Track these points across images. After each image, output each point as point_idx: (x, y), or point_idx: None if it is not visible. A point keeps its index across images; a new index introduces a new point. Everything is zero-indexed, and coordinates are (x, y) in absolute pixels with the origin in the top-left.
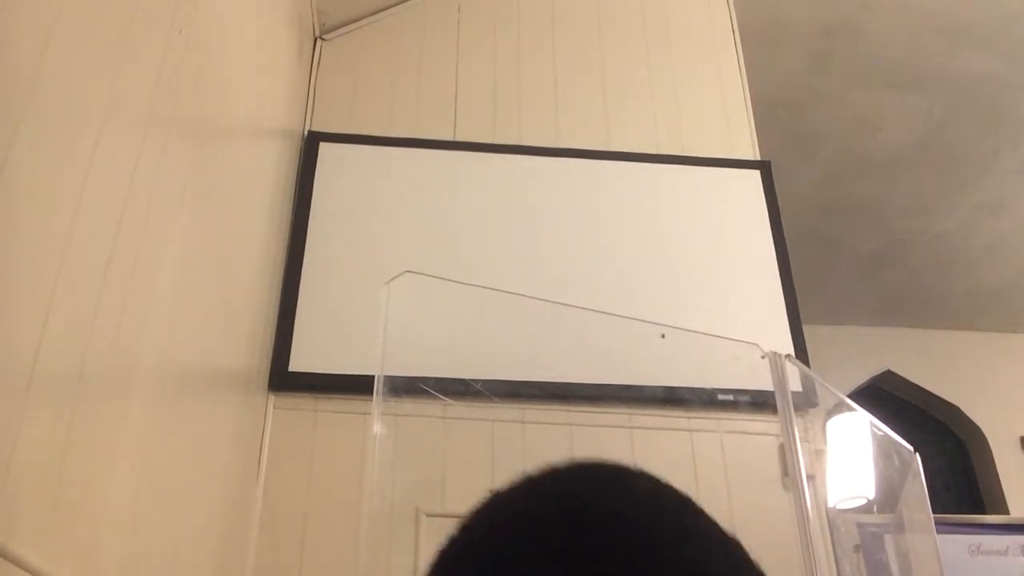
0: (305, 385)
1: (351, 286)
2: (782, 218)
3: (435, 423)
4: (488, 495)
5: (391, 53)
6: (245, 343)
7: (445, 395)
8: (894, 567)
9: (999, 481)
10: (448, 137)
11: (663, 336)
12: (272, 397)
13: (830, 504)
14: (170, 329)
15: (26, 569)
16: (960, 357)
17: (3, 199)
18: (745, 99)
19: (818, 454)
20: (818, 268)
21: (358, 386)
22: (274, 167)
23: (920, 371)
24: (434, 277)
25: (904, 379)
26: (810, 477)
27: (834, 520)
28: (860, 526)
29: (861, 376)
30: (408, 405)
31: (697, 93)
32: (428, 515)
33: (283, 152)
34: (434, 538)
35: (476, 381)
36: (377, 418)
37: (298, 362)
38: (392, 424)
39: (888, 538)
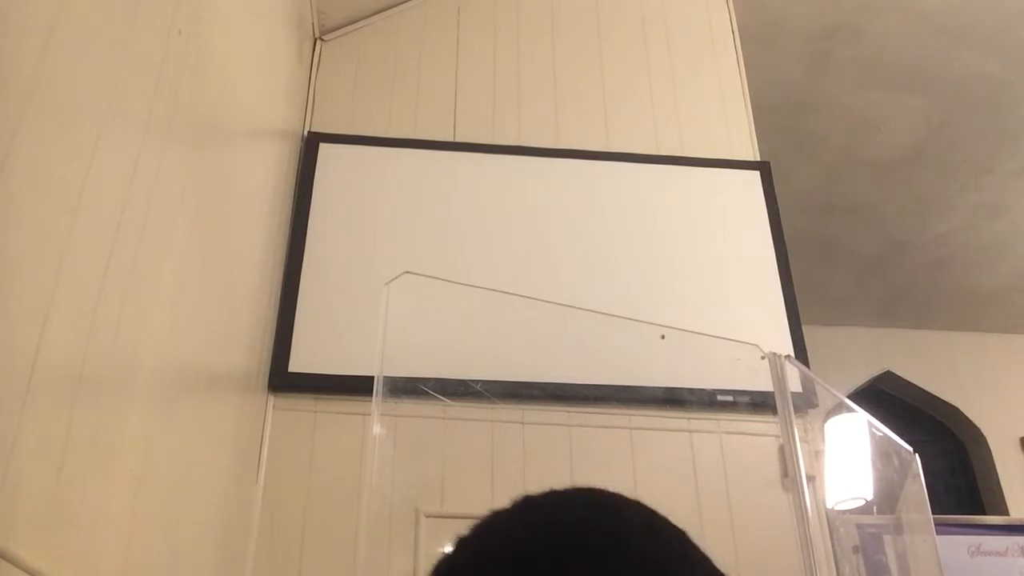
0: (305, 386)
1: (351, 286)
2: (782, 219)
3: (434, 424)
4: (489, 512)
5: (391, 54)
6: (245, 343)
7: (445, 396)
8: (893, 568)
9: (999, 482)
10: (448, 138)
11: (663, 337)
12: (272, 398)
13: (829, 505)
14: (170, 329)
15: (25, 570)
16: (960, 358)
17: (3, 199)
18: (744, 100)
19: (818, 455)
20: (818, 269)
21: (358, 387)
22: (274, 167)
23: (920, 372)
24: (434, 278)
25: (904, 380)
26: (810, 478)
27: (834, 521)
28: (860, 527)
29: (861, 377)
30: (407, 406)
31: (696, 94)
32: (427, 516)
33: (283, 153)
34: (433, 539)
35: (475, 382)
36: (376, 419)
37: (298, 362)
38: (391, 425)
39: (888, 539)
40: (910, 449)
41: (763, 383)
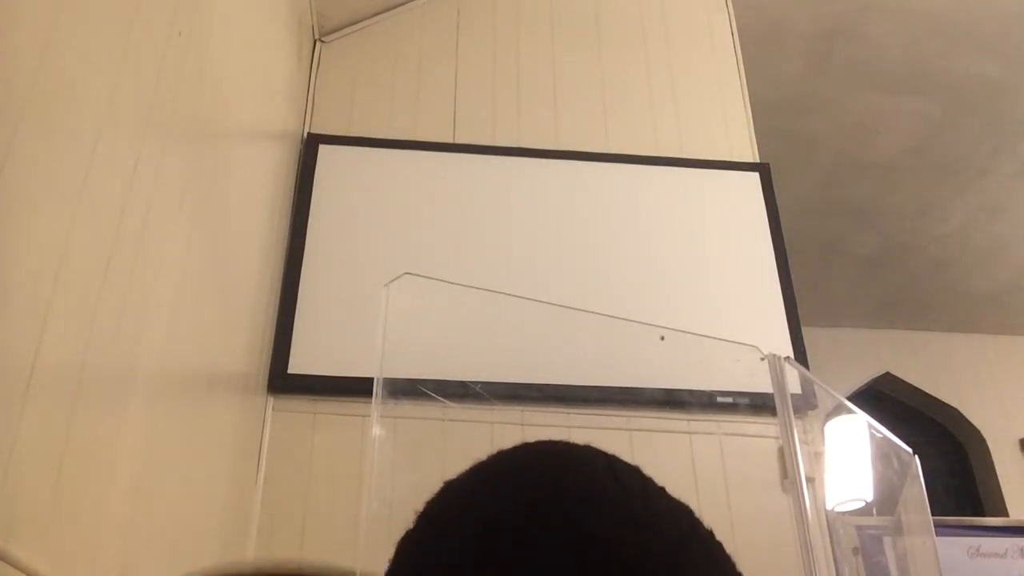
0: (304, 387)
1: (350, 288)
2: (781, 220)
3: (434, 425)
4: (442, 484)
5: (390, 55)
6: (244, 345)
7: (444, 397)
8: (893, 569)
9: (998, 483)
10: (447, 139)
11: (662, 338)
12: (271, 399)
13: (829, 507)
14: (169, 330)
15: (25, 571)
16: (959, 359)
17: (3, 199)
18: (744, 101)
19: (817, 456)
20: (817, 270)
21: (357, 388)
22: (273, 169)
23: (919, 373)
24: (433, 279)
25: (903, 381)
26: (809, 479)
27: (833, 523)
28: (859, 528)
29: (860, 378)
30: (407, 407)
31: (696, 95)
32: None
33: (282, 154)
34: None
35: (475, 383)
36: (376, 420)
37: (297, 364)
38: (391, 426)
39: (887, 540)
40: (910, 450)
41: (763, 384)
